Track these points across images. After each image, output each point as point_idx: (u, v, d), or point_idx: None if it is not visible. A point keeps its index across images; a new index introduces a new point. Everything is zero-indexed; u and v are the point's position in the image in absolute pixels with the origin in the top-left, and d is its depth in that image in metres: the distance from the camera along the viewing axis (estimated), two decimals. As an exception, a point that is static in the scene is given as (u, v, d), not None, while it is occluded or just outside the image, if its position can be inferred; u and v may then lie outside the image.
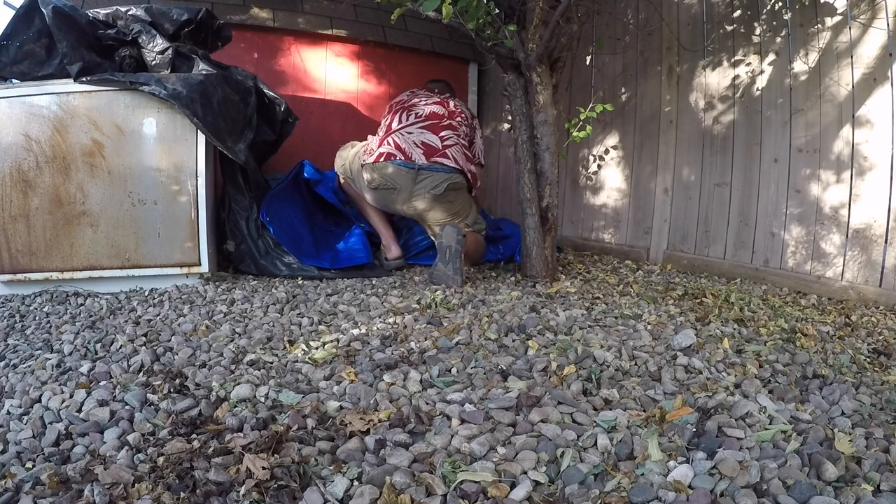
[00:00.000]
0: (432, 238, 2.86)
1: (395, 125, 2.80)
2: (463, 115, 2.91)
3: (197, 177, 2.34)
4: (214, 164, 2.61)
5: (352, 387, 1.31)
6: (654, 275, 2.83)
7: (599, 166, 3.55)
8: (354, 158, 2.92)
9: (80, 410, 1.22)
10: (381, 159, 2.70)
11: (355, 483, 0.95)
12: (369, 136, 2.97)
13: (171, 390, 1.30)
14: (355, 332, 1.71)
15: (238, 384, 1.32)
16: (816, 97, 2.48)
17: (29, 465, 1.02)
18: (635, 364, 1.49)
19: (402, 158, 2.68)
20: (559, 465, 1.00)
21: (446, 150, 2.73)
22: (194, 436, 1.09)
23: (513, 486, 0.94)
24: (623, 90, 3.38)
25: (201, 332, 1.74)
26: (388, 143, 2.74)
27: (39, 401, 1.27)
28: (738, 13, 2.78)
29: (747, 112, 2.76)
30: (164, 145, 2.31)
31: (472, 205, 2.91)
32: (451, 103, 2.92)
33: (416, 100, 2.88)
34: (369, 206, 2.98)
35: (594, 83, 3.57)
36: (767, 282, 2.65)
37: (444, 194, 2.70)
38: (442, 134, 2.76)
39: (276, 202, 2.71)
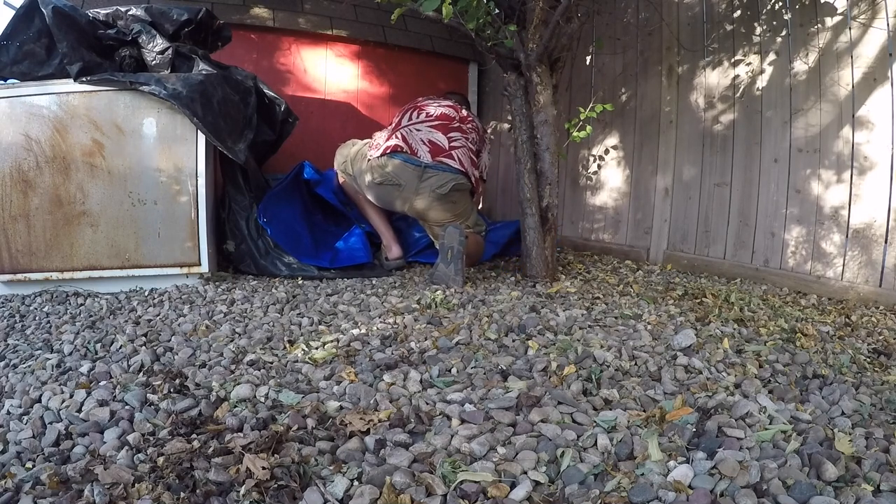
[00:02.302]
0: (432, 238, 2.86)
1: (404, 122, 2.80)
2: (474, 125, 2.93)
3: (197, 177, 2.34)
4: (214, 164, 2.61)
5: (352, 387, 1.31)
6: (654, 275, 2.83)
7: (599, 166, 3.55)
8: (356, 155, 2.91)
9: (80, 410, 1.22)
10: (388, 152, 2.70)
11: (355, 483, 0.95)
12: (375, 133, 2.97)
13: (171, 390, 1.30)
14: (355, 332, 1.71)
15: (238, 384, 1.32)
16: (816, 97, 2.48)
17: (29, 465, 1.02)
18: (635, 364, 1.49)
19: (409, 153, 2.68)
20: (559, 465, 1.00)
21: (452, 151, 2.73)
22: (194, 436, 1.09)
23: (513, 486, 0.94)
24: (623, 90, 3.38)
25: (201, 332, 1.74)
26: (396, 137, 2.74)
27: (39, 401, 1.27)
28: (738, 13, 2.78)
29: (747, 112, 2.76)
30: (164, 145, 2.31)
31: (473, 208, 2.92)
32: (464, 111, 2.94)
33: (429, 101, 2.90)
34: (369, 205, 2.97)
35: (594, 83, 3.57)
36: (767, 282, 2.65)
37: (448, 194, 2.70)
38: (450, 135, 2.76)
39: (273, 203, 2.71)
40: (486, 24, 2.35)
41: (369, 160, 2.78)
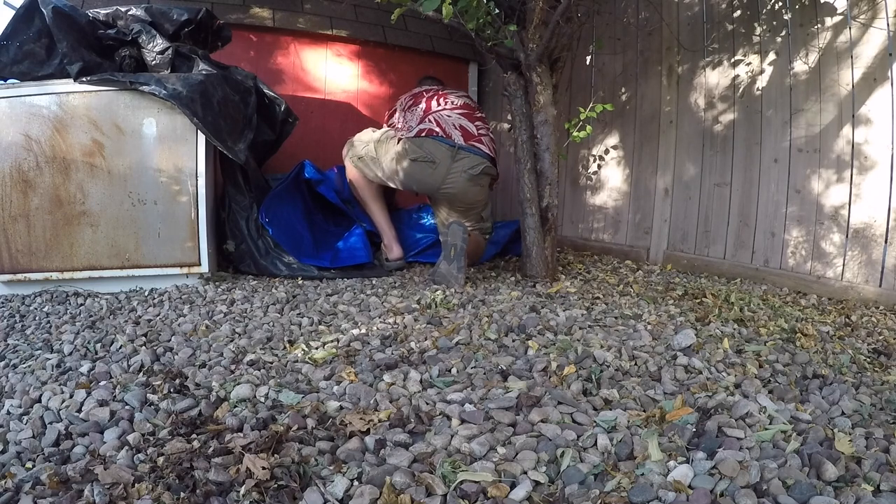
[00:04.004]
0: (440, 231, 2.86)
1: (433, 107, 2.84)
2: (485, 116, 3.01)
3: (197, 177, 2.34)
4: (214, 164, 2.61)
5: (352, 387, 1.31)
6: (654, 275, 2.83)
7: (599, 166, 3.55)
8: (382, 137, 2.88)
9: (80, 410, 1.22)
10: (423, 134, 2.74)
11: (355, 483, 0.95)
12: (392, 122, 2.98)
13: (171, 390, 1.30)
14: (355, 332, 1.71)
15: (238, 384, 1.32)
16: (816, 97, 2.48)
17: (29, 465, 1.02)
18: (635, 364, 1.49)
19: (443, 136, 2.73)
20: (559, 465, 1.00)
21: (481, 138, 2.80)
22: (194, 436, 1.09)
23: (513, 486, 0.94)
24: (623, 90, 3.38)
25: (201, 332, 1.74)
26: (430, 121, 2.78)
27: (39, 401, 1.27)
28: (738, 13, 2.78)
29: (747, 112, 2.76)
30: (164, 145, 2.31)
31: (489, 199, 2.99)
32: (473, 102, 3.02)
33: (447, 91, 2.96)
34: (375, 203, 2.94)
35: (594, 83, 3.57)
36: (767, 282, 2.65)
37: (479, 177, 2.74)
38: (475, 123, 2.83)
39: (275, 203, 2.71)
40: (486, 24, 2.35)
41: (401, 139, 2.78)
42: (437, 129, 2.74)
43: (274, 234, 2.60)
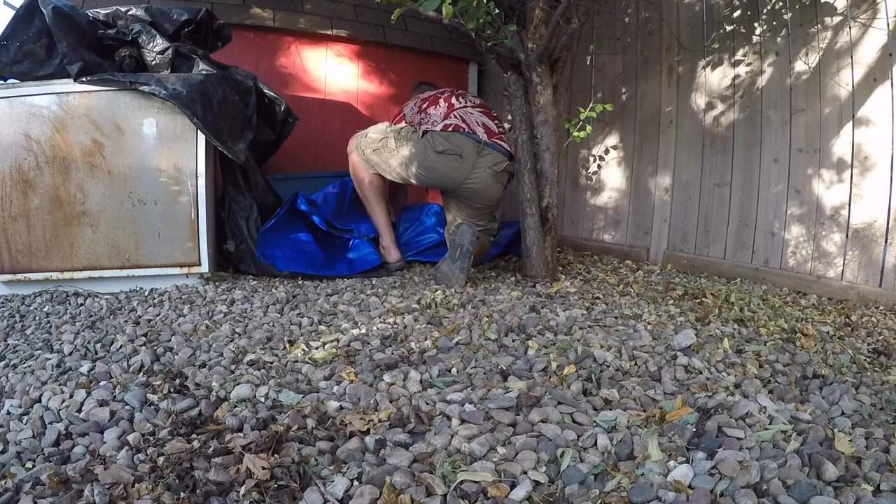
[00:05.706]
0: (448, 231, 2.84)
1: (456, 104, 2.87)
2: None
3: (197, 177, 2.34)
4: (214, 164, 2.61)
5: (352, 387, 1.31)
6: (654, 275, 2.83)
7: (599, 166, 3.55)
8: (402, 130, 2.85)
9: (80, 410, 1.22)
10: (450, 129, 2.75)
11: (355, 483, 0.95)
12: (404, 119, 2.95)
13: (171, 390, 1.30)
14: (355, 332, 1.71)
15: (238, 384, 1.32)
16: (816, 97, 2.48)
17: (29, 465, 1.02)
18: (635, 364, 1.49)
19: (469, 132, 2.76)
20: (559, 465, 1.00)
21: (501, 135, 2.83)
22: (194, 436, 1.09)
23: (513, 486, 0.94)
24: (623, 90, 3.38)
25: (201, 332, 1.74)
26: (455, 117, 2.80)
27: (39, 401, 1.27)
28: (738, 13, 2.78)
29: (747, 112, 2.76)
30: (164, 145, 2.31)
31: (501, 200, 3.03)
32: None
33: (462, 91, 2.99)
34: (378, 204, 2.90)
35: (594, 83, 3.57)
36: (767, 282, 2.65)
37: (501, 174, 2.76)
38: (494, 122, 2.87)
39: (270, 237, 2.66)
40: (486, 24, 2.35)
41: (426, 132, 2.76)
42: (463, 126, 2.76)
43: (281, 268, 2.58)
